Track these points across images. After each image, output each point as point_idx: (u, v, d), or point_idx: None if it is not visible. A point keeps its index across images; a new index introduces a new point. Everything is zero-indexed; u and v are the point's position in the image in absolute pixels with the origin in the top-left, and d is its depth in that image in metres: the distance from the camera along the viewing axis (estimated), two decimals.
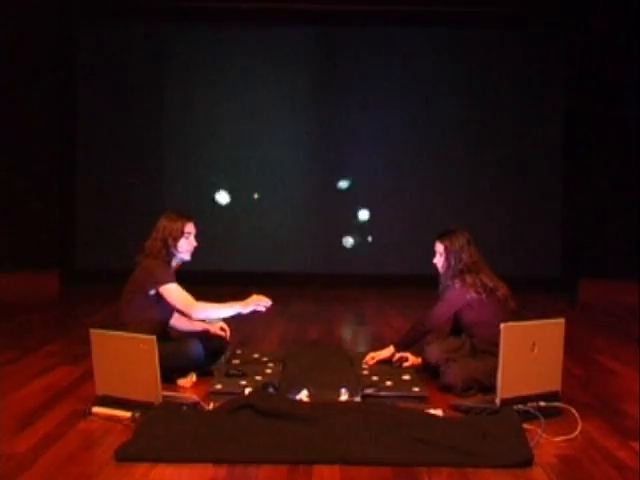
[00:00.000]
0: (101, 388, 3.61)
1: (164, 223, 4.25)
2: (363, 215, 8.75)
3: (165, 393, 3.55)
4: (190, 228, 4.28)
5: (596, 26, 8.13)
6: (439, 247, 4.36)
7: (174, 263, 4.29)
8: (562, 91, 8.58)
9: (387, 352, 4.44)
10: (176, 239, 4.21)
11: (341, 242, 8.74)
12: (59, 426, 3.39)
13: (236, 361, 4.52)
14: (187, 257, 4.30)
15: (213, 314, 4.26)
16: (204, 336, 4.35)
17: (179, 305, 4.15)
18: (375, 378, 4.13)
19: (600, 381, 4.46)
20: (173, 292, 4.15)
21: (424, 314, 4.37)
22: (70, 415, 3.54)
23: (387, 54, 8.65)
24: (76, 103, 8.57)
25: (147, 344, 3.45)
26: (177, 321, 4.41)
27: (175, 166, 8.71)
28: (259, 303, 4.22)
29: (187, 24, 8.67)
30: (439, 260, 4.36)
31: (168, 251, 4.22)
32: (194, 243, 4.29)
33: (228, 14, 8.56)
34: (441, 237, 4.37)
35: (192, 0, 8.56)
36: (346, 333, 6.16)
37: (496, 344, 3.50)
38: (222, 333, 4.42)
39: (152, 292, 4.15)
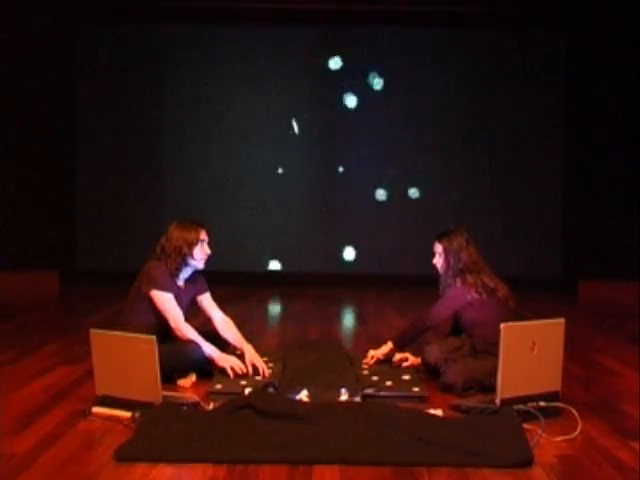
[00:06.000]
0: (101, 388, 3.61)
1: (177, 232, 4.23)
2: (363, 216, 8.76)
3: (165, 393, 3.55)
4: (204, 235, 4.28)
5: (596, 26, 8.13)
6: (438, 247, 4.35)
7: (186, 274, 4.29)
8: (562, 91, 8.57)
9: (386, 348, 4.44)
10: (191, 246, 4.20)
11: (341, 241, 8.75)
12: (59, 426, 3.39)
13: None
14: (201, 265, 4.30)
15: (195, 341, 4.16)
16: (204, 337, 4.34)
17: (168, 315, 4.13)
18: (375, 378, 4.13)
19: (600, 381, 4.46)
20: (165, 302, 4.14)
21: (424, 311, 4.37)
22: (70, 415, 3.54)
23: (387, 54, 8.64)
24: (76, 103, 8.57)
25: (147, 344, 3.46)
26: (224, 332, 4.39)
27: (175, 165, 8.71)
28: (234, 368, 4.10)
29: (187, 24, 8.66)
30: (438, 260, 4.35)
31: (183, 260, 4.21)
32: (208, 251, 4.29)
33: (228, 14, 8.56)
34: (439, 237, 4.36)
35: (192, 0, 8.56)
36: (346, 333, 6.15)
37: (496, 344, 3.50)
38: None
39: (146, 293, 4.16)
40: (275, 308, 7.33)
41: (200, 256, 4.26)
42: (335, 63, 8.66)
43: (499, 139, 8.64)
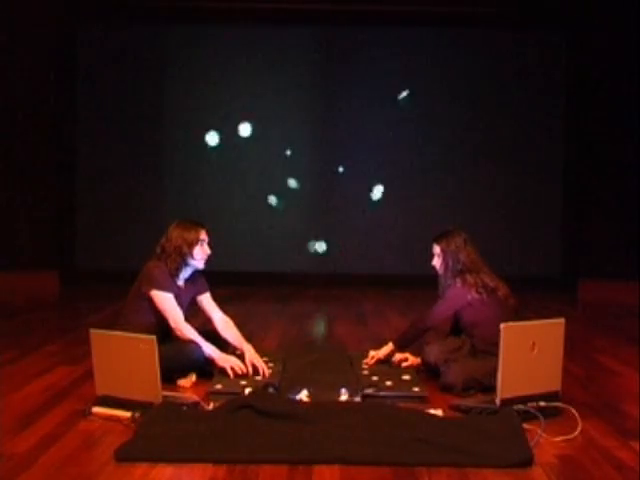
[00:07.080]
0: (101, 388, 3.61)
1: (177, 232, 4.24)
2: (363, 216, 8.76)
3: (165, 393, 3.55)
4: (204, 235, 4.29)
5: (596, 26, 8.13)
6: (436, 249, 4.34)
7: (186, 274, 4.29)
8: (562, 91, 8.59)
9: (387, 349, 4.43)
10: (191, 246, 4.21)
11: (341, 241, 8.75)
12: (59, 426, 3.39)
13: None
14: (201, 265, 4.30)
15: (195, 341, 4.16)
16: (204, 337, 4.34)
17: (168, 315, 4.13)
18: (375, 378, 4.12)
19: (600, 381, 4.46)
20: (165, 302, 4.14)
21: (424, 312, 4.37)
22: (70, 415, 3.53)
23: (387, 54, 8.64)
24: (76, 103, 8.57)
25: (147, 344, 3.45)
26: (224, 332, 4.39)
27: (175, 166, 8.71)
28: (234, 368, 4.09)
29: (187, 24, 8.67)
30: (437, 262, 4.34)
31: (183, 260, 4.21)
32: (208, 251, 4.29)
33: (228, 14, 8.56)
34: (437, 239, 4.35)
35: (192, 0, 8.57)
36: (346, 333, 6.14)
37: (496, 344, 3.50)
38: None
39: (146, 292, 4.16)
40: (275, 308, 7.32)
41: (200, 256, 4.26)
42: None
43: (499, 139, 8.65)
